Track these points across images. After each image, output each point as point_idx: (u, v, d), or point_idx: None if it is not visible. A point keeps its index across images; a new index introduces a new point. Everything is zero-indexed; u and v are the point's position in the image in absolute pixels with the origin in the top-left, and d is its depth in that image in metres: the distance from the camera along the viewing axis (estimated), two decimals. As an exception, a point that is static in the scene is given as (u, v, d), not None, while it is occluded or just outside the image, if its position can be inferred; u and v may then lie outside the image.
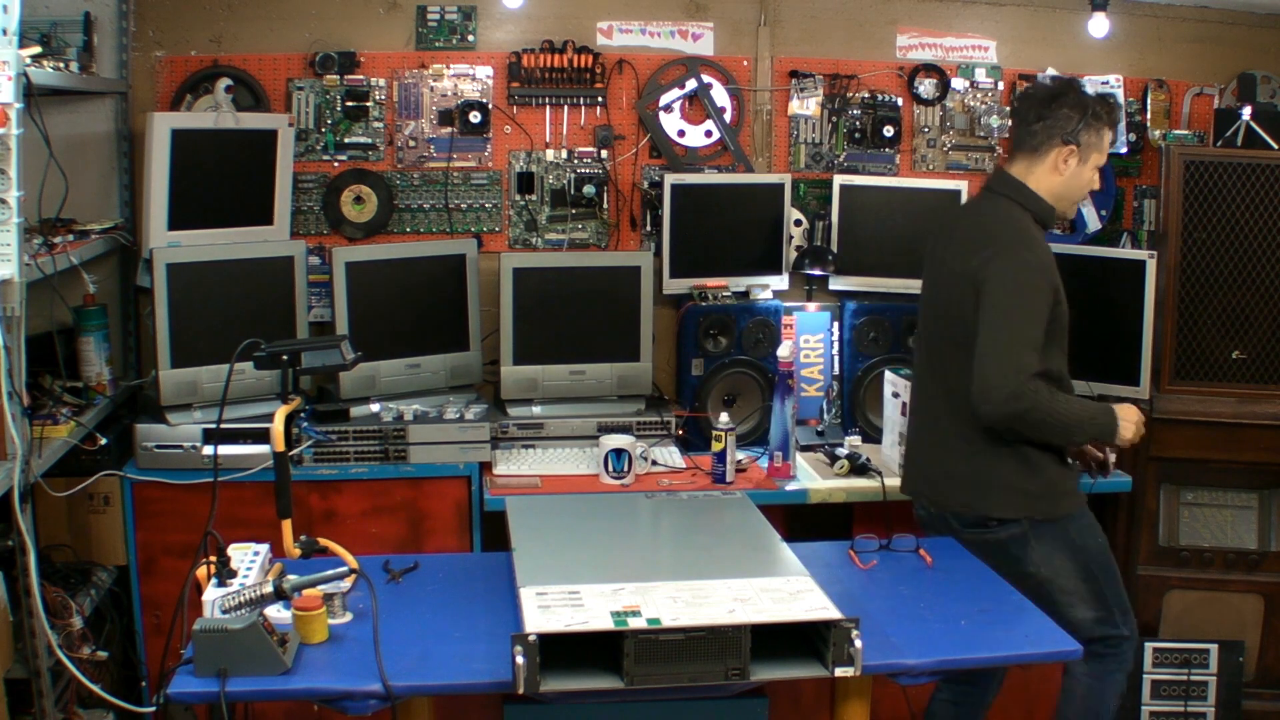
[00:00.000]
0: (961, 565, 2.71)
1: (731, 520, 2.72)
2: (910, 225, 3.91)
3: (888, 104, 4.02)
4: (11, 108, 2.48)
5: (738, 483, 3.41)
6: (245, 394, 3.37)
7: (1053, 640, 2.33)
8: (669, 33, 3.95)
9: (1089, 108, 2.86)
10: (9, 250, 2.54)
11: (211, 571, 2.25)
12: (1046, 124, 2.86)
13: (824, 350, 3.94)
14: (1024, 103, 2.95)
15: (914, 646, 2.24)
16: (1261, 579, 3.70)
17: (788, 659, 2.11)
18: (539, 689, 1.99)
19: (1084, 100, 2.87)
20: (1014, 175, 2.92)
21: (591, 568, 2.32)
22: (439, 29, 3.84)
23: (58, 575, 3.02)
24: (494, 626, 2.26)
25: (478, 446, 3.47)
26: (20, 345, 2.61)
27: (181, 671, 2.08)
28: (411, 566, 2.58)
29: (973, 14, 4.05)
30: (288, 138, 3.65)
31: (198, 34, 3.71)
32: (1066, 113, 2.85)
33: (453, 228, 3.91)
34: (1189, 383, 3.70)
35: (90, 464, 3.23)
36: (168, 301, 3.32)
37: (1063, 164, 2.88)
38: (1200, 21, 4.12)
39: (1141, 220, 4.14)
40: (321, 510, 3.39)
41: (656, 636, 2.03)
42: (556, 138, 3.93)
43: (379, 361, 3.57)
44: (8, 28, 2.49)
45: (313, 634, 2.19)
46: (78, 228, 3.28)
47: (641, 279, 3.69)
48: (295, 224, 3.79)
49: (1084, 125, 2.86)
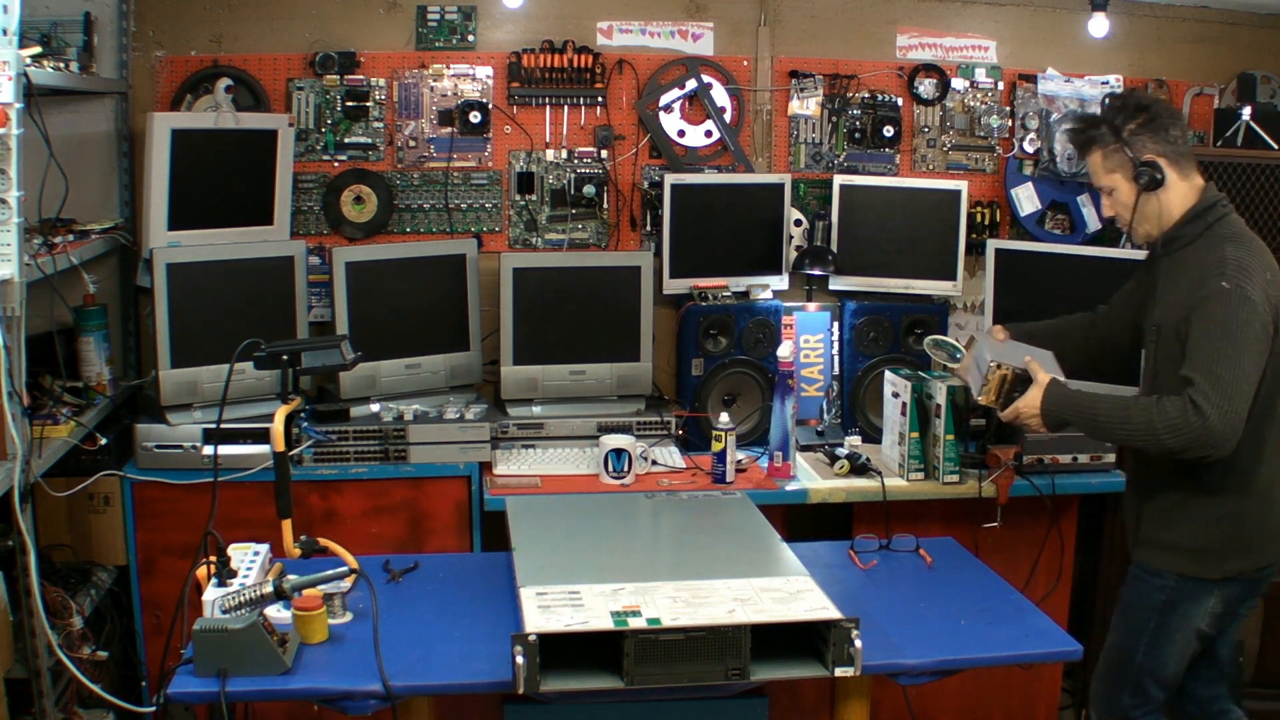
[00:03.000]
0: (961, 565, 2.71)
1: (731, 520, 2.72)
2: (910, 225, 3.91)
3: (888, 104, 4.02)
4: (11, 108, 2.49)
5: (738, 483, 3.41)
6: (245, 394, 3.37)
7: (1053, 640, 2.34)
8: (669, 33, 3.95)
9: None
10: (9, 250, 2.54)
11: (211, 571, 2.25)
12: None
13: (824, 350, 3.94)
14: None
15: (914, 646, 2.24)
16: (1261, 579, 3.69)
17: (788, 659, 2.11)
18: (539, 689, 1.99)
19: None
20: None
21: (591, 568, 2.32)
22: (439, 29, 3.84)
23: (58, 575, 3.02)
24: (494, 626, 2.27)
25: (478, 446, 3.47)
26: (20, 345, 2.61)
27: (181, 671, 2.08)
28: (411, 566, 2.58)
29: (973, 14, 4.05)
30: (288, 138, 3.65)
31: (198, 34, 3.71)
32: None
33: (453, 228, 3.91)
34: (1189, 383, 3.69)
35: (90, 464, 3.23)
36: (168, 301, 3.32)
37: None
38: (1200, 21, 4.12)
39: (1141, 220, 4.13)
40: (321, 510, 3.39)
41: (656, 636, 2.03)
42: (556, 138, 3.93)
43: (379, 361, 3.57)
44: (8, 28, 2.49)
45: (313, 634, 2.19)
46: (78, 228, 3.28)
47: (641, 279, 3.69)
48: (295, 224, 3.79)
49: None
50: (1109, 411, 2.62)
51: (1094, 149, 2.76)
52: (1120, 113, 2.72)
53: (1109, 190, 2.76)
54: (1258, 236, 2.70)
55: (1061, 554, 3.61)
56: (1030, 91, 4.04)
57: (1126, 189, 2.72)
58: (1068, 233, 4.09)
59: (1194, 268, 2.64)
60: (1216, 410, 2.44)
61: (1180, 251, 2.70)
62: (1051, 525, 3.56)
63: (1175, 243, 2.72)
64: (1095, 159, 2.76)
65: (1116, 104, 2.78)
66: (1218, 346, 2.49)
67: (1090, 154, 2.77)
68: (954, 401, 3.38)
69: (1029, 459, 3.53)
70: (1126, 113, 2.71)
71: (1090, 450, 3.58)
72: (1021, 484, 3.49)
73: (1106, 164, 2.74)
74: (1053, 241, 4.02)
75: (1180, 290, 2.65)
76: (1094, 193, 4.07)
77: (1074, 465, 3.57)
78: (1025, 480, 3.50)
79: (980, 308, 3.98)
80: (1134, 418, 2.56)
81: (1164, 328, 2.68)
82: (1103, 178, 2.76)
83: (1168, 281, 2.72)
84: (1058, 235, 4.08)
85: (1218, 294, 2.52)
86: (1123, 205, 2.75)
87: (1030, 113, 4.04)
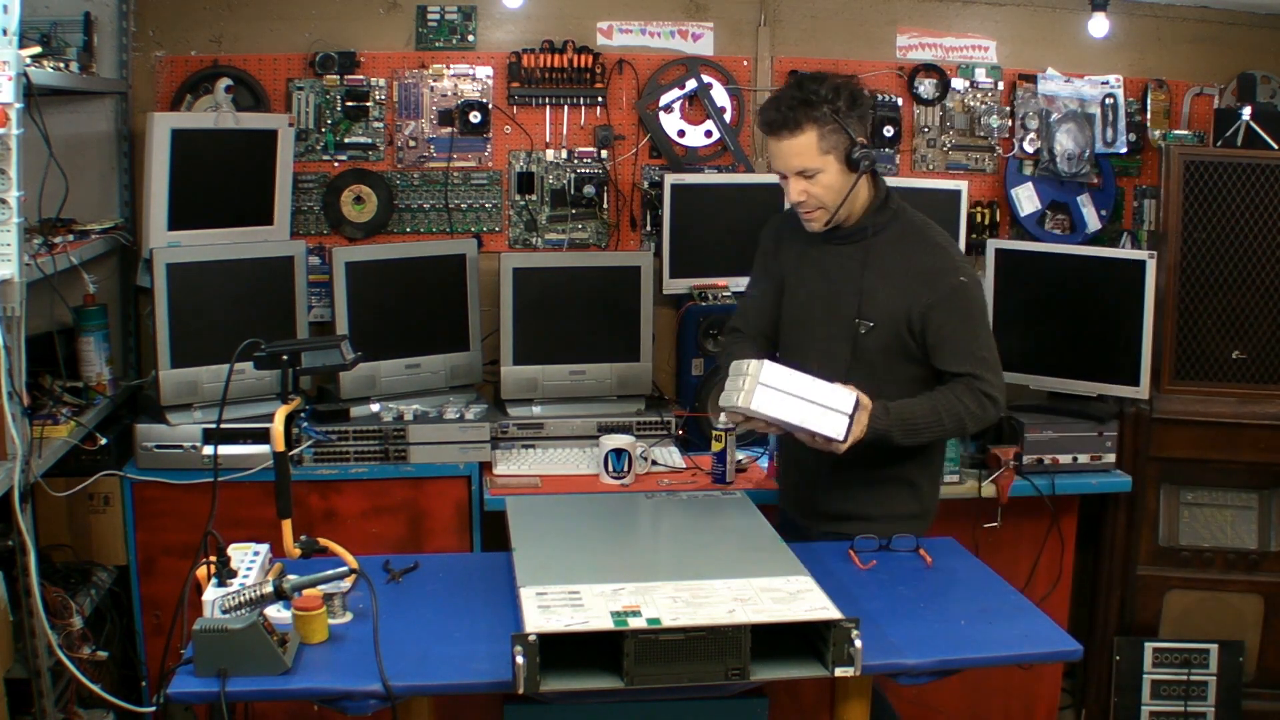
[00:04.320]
0: (961, 565, 2.71)
1: (731, 520, 2.72)
2: (910, 225, 3.91)
3: (888, 104, 4.02)
4: (11, 108, 2.49)
5: (738, 483, 3.41)
6: (245, 394, 3.37)
7: (1053, 640, 2.33)
8: (669, 33, 3.95)
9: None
10: (9, 250, 2.54)
11: (211, 571, 2.25)
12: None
13: (824, 350, 3.93)
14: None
15: (914, 646, 2.24)
16: (1261, 579, 3.70)
17: (788, 659, 2.11)
18: (539, 689, 1.99)
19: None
20: None
21: (591, 568, 2.32)
22: (439, 29, 3.84)
23: (58, 575, 3.02)
24: (494, 626, 2.26)
25: (478, 446, 3.47)
26: (20, 345, 2.61)
27: (181, 671, 2.08)
28: (411, 566, 2.58)
29: (973, 14, 4.05)
30: (288, 138, 3.65)
31: (198, 34, 3.71)
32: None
33: (453, 228, 3.91)
34: (1189, 383, 3.70)
35: (90, 464, 3.23)
36: (168, 301, 3.32)
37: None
38: (1200, 21, 4.12)
39: (1141, 220, 4.14)
40: (321, 510, 3.39)
41: (656, 636, 2.02)
42: (556, 138, 3.93)
43: (379, 361, 3.57)
44: (8, 28, 2.49)
45: (313, 634, 2.19)
46: (78, 228, 3.28)
47: (641, 279, 3.69)
48: (295, 224, 3.79)
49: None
50: (924, 416, 2.66)
51: (807, 128, 2.62)
52: (835, 92, 2.63)
53: (813, 173, 2.65)
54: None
55: (1061, 554, 3.61)
56: (1030, 91, 4.04)
57: (838, 172, 2.66)
58: (1068, 233, 4.09)
59: (902, 259, 2.71)
60: (999, 390, 2.71)
61: (868, 240, 2.73)
62: (1051, 525, 3.56)
63: (862, 232, 2.74)
64: (807, 139, 2.63)
65: (825, 84, 2.64)
66: (976, 336, 2.71)
67: (799, 133, 2.63)
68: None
69: (1029, 459, 3.53)
70: (839, 93, 2.63)
71: (1090, 450, 3.58)
72: (1021, 484, 3.49)
73: (822, 145, 2.63)
74: (1053, 241, 4.02)
75: (894, 284, 2.70)
76: (1094, 192, 4.08)
77: (1074, 465, 3.57)
78: (1025, 480, 3.50)
79: (980, 308, 3.98)
80: (946, 420, 2.67)
81: (881, 320, 2.71)
82: (813, 159, 2.64)
83: (871, 272, 2.72)
84: (1058, 235, 4.08)
85: (960, 289, 2.69)
86: (829, 189, 2.67)
87: (1030, 113, 4.04)
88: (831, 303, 2.78)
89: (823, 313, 2.80)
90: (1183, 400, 3.69)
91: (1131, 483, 3.62)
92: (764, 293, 2.93)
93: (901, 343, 2.72)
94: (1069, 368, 3.69)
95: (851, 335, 2.74)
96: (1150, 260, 3.58)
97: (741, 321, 2.99)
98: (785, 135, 2.64)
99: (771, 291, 2.92)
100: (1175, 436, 3.67)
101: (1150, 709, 3.70)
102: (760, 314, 2.95)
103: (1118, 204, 4.15)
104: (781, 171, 2.70)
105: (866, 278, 2.73)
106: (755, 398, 2.52)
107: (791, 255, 2.87)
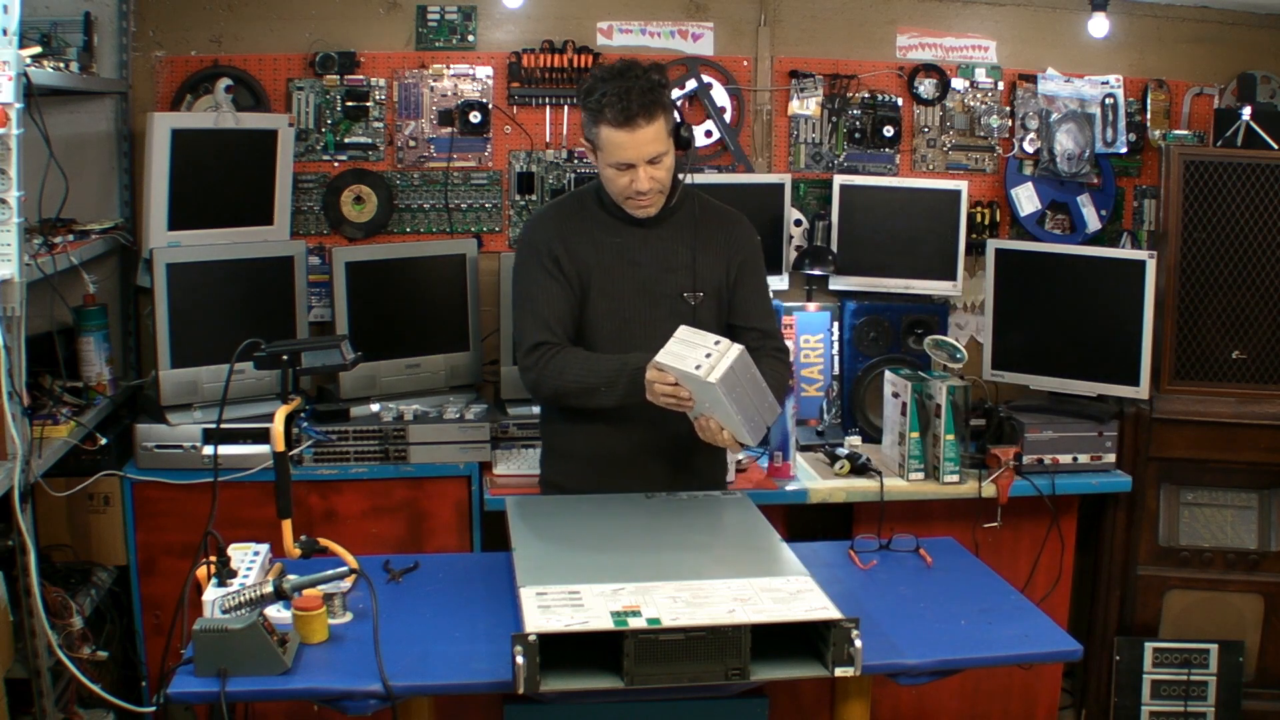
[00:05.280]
0: (961, 565, 2.71)
1: (731, 520, 2.72)
2: (910, 225, 3.92)
3: (888, 104, 4.02)
4: (11, 108, 2.49)
5: (738, 483, 3.41)
6: (245, 394, 3.37)
7: (1053, 640, 2.33)
8: (669, 33, 3.95)
9: (583, 98, 2.64)
10: (9, 250, 2.54)
11: (211, 571, 2.25)
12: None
13: (824, 350, 3.93)
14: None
15: (914, 646, 2.24)
16: (1261, 579, 3.70)
17: (788, 659, 2.11)
18: (539, 689, 1.99)
19: (586, 89, 2.64)
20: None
21: (591, 568, 2.32)
22: (439, 29, 3.84)
23: (58, 575, 3.02)
24: (494, 626, 2.27)
25: (478, 446, 3.47)
26: (20, 345, 2.61)
27: (181, 671, 2.08)
28: (411, 566, 2.58)
29: (973, 14, 4.05)
30: (288, 138, 3.65)
31: (198, 34, 3.71)
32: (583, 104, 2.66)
33: (453, 228, 3.91)
34: (1189, 383, 3.70)
35: (90, 464, 3.23)
36: (168, 301, 3.32)
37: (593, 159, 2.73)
38: (1200, 21, 4.12)
39: (1141, 220, 4.14)
40: (321, 510, 3.39)
41: (656, 636, 2.02)
42: (556, 138, 3.93)
43: (379, 361, 3.57)
44: (8, 28, 2.49)
45: (313, 634, 2.19)
46: (78, 228, 3.28)
47: (641, 279, 3.69)
48: (295, 224, 3.79)
49: (586, 119, 2.66)
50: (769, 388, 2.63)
51: (658, 114, 2.59)
52: (661, 73, 2.64)
53: (661, 157, 2.62)
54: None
55: (1061, 554, 3.61)
56: (1030, 91, 4.04)
57: (673, 153, 2.68)
58: (1068, 233, 4.09)
59: (714, 228, 2.79)
60: (785, 344, 2.90)
61: (678, 216, 2.77)
62: (1051, 525, 3.56)
63: (672, 210, 2.77)
64: (659, 126, 2.60)
65: (650, 68, 2.63)
66: (766, 292, 2.89)
67: (654, 120, 2.59)
68: (954, 402, 3.38)
69: (1029, 459, 3.53)
70: (662, 74, 2.64)
71: (1090, 450, 3.58)
72: (1021, 484, 3.49)
73: (667, 127, 2.63)
74: (1053, 241, 4.02)
75: (713, 251, 2.78)
76: (1094, 192, 4.08)
77: (1074, 465, 3.57)
78: (1025, 480, 3.50)
79: (980, 308, 3.98)
80: (778, 387, 2.74)
81: (709, 289, 2.77)
82: (663, 143, 2.62)
83: (690, 246, 2.75)
84: (1058, 235, 4.08)
85: (758, 246, 2.86)
86: (669, 170, 2.67)
87: (1030, 113, 4.04)
88: (654, 284, 2.75)
89: (647, 296, 2.75)
90: (1183, 400, 3.69)
91: (1131, 483, 3.62)
92: (560, 297, 2.73)
93: (722, 306, 2.81)
94: (1069, 368, 3.69)
95: (683, 310, 2.74)
96: (1150, 260, 3.58)
97: (547, 333, 2.72)
98: (642, 124, 2.57)
99: (572, 294, 2.74)
100: (1175, 436, 3.68)
101: (1150, 709, 3.70)
102: (563, 320, 2.74)
103: (1118, 204, 4.15)
104: (630, 162, 2.61)
105: (686, 252, 2.76)
106: (719, 374, 2.44)
107: (586, 251, 2.74)
